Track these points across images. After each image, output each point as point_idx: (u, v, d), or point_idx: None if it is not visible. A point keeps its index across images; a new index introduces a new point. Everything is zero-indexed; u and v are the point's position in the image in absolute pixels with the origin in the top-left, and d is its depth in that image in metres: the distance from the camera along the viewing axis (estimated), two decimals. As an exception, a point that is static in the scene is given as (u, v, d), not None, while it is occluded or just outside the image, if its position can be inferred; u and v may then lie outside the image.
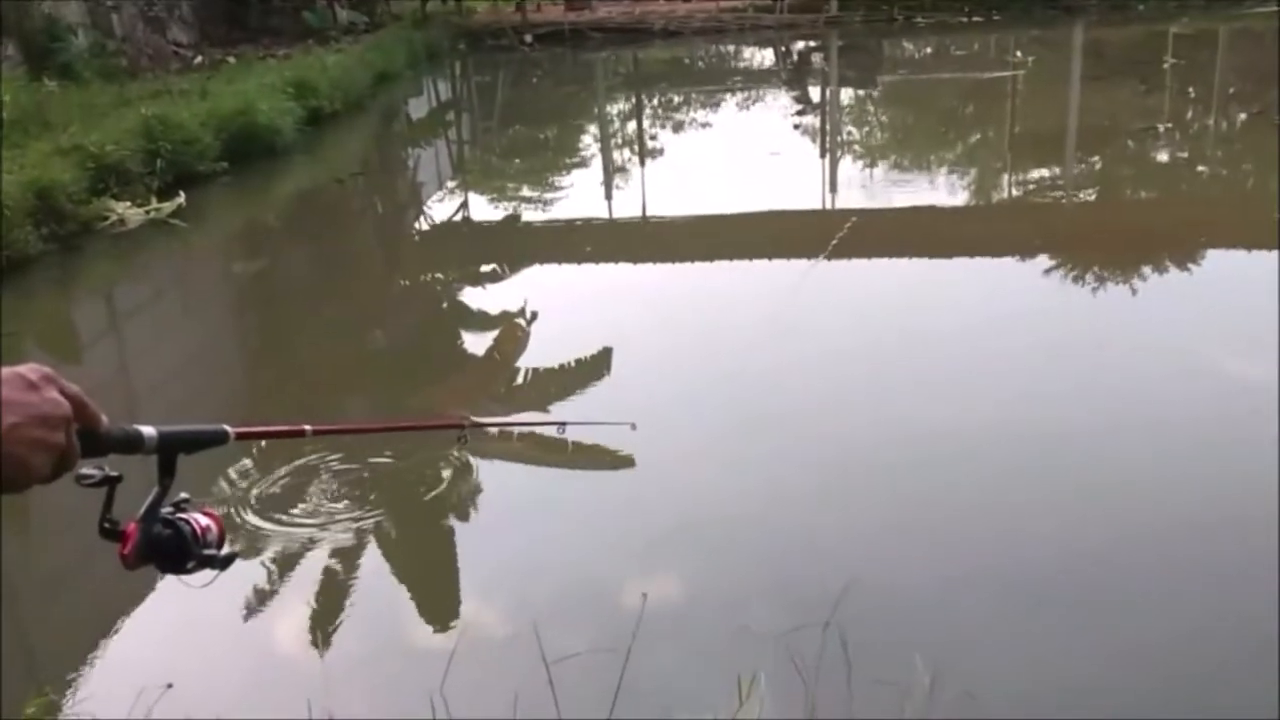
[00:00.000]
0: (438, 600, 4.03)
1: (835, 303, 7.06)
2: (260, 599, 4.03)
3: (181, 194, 9.83)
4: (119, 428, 1.13)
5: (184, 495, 1.28)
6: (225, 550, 1.28)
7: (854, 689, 2.73)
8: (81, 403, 1.04)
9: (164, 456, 1.22)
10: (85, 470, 1.15)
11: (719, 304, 7.13)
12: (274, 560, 4.29)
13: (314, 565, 4.27)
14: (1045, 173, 10.91)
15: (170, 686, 2.77)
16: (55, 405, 0.99)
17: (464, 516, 4.57)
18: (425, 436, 4.90)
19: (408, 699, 2.70)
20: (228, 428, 1.31)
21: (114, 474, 1.18)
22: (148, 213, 9.39)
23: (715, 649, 3.49)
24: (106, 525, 1.20)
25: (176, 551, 1.24)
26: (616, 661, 2.93)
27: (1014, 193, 10.54)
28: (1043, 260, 7.62)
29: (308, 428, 1.55)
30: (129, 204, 9.36)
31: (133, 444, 1.16)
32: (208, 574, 1.30)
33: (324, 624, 3.86)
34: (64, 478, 1.05)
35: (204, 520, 1.27)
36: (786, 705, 2.87)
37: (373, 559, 4.31)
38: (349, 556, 4.33)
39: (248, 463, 5.04)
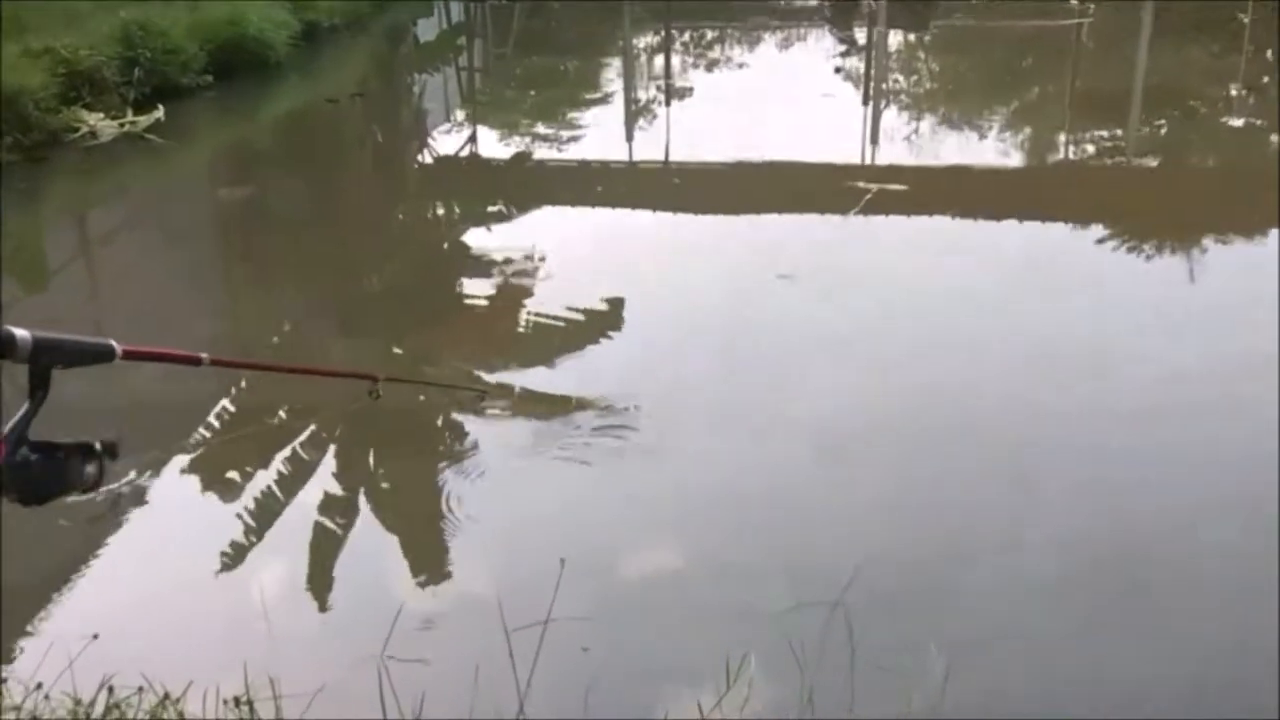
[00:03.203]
0: (415, 562, 3.95)
1: (864, 264, 6.92)
2: (208, 554, 3.94)
3: (160, 108, 9.74)
4: None
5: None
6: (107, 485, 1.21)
7: (855, 675, 2.64)
8: None
9: (37, 367, 1.14)
10: None
11: (740, 259, 6.99)
12: (235, 514, 4.21)
13: (270, 520, 4.21)
14: (1106, 134, 10.71)
15: (96, 637, 2.69)
16: None
17: (452, 474, 4.47)
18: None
19: (356, 664, 2.62)
20: (114, 343, 1.28)
21: None
22: (121, 126, 9.31)
23: (711, 627, 3.41)
24: None
25: (44, 480, 1.16)
26: (606, 633, 2.85)
27: (1072, 154, 10.35)
28: (1097, 229, 7.46)
29: (204, 356, 1.61)
30: (102, 115, 9.27)
31: (2, 346, 1.07)
32: (88, 510, 1.23)
33: (278, 583, 3.79)
34: None
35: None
36: (780, 688, 2.79)
37: (348, 517, 4.25)
38: (308, 512, 4.25)
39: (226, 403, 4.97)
